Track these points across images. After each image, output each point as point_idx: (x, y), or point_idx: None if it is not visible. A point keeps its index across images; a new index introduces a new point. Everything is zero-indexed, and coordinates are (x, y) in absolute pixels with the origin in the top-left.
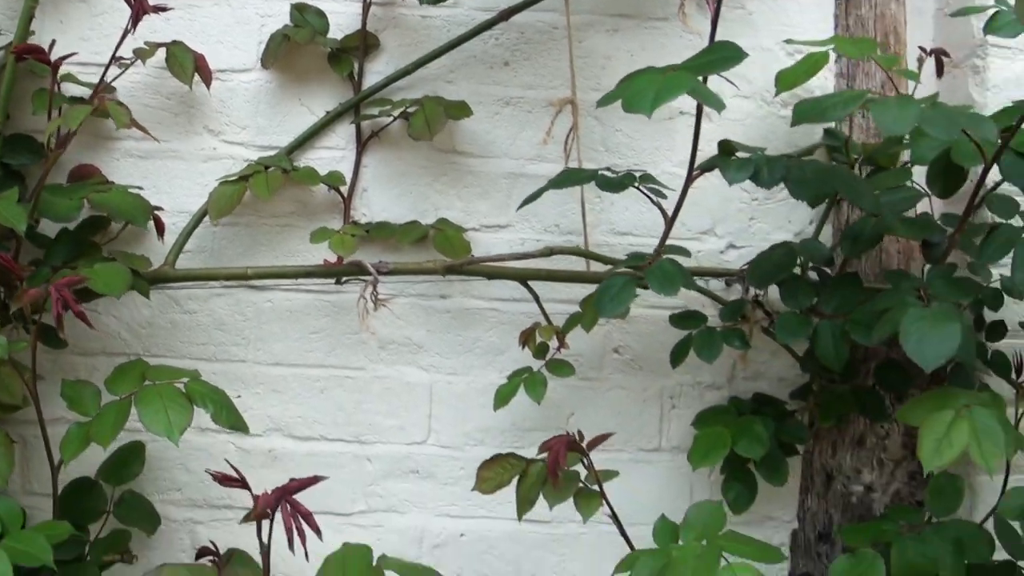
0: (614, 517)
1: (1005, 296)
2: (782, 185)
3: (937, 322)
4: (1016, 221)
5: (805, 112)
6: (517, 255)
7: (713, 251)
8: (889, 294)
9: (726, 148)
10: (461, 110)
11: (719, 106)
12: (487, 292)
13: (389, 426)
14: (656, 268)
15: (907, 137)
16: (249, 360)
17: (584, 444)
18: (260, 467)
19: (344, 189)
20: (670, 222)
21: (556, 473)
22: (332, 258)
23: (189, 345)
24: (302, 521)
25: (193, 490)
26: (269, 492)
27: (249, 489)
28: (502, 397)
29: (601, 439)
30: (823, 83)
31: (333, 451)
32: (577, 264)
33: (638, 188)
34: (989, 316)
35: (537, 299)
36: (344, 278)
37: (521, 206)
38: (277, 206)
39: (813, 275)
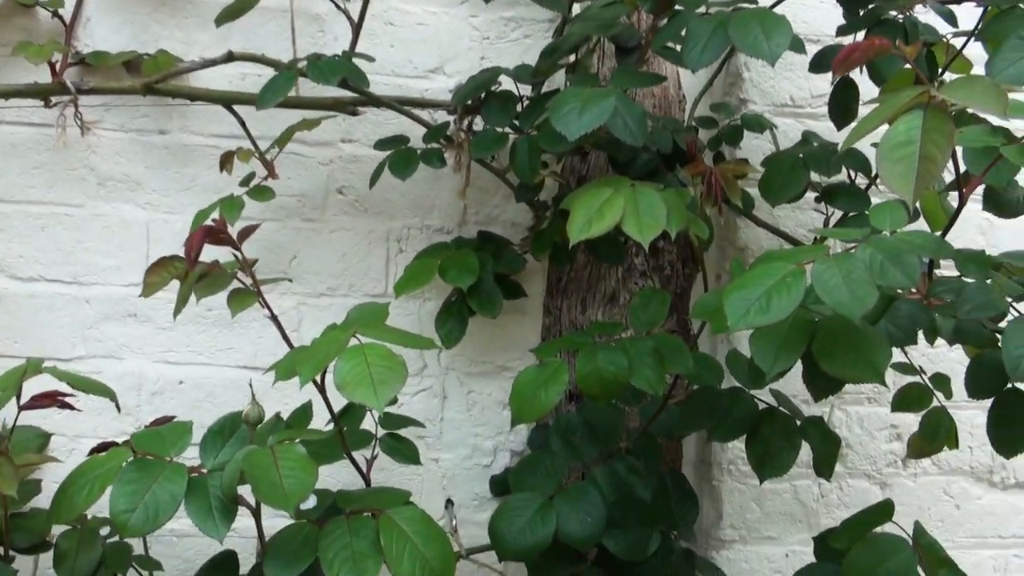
0: (274, 319)
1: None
2: (514, 24)
3: (593, 98)
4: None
5: None
6: (204, 62)
7: (441, 89)
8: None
9: None
10: None
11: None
12: (206, 128)
13: (107, 266)
14: (317, 63)
15: None
16: None
17: (234, 235)
18: None
19: (67, 16)
20: (356, 30)
21: (193, 261)
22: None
23: None
24: None
25: None
26: None
27: None
28: (199, 219)
29: (251, 230)
30: None
31: (52, 292)
32: None
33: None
34: None
35: (242, 123)
36: (53, 100)
37: (220, 21)
38: (3, 34)
39: None
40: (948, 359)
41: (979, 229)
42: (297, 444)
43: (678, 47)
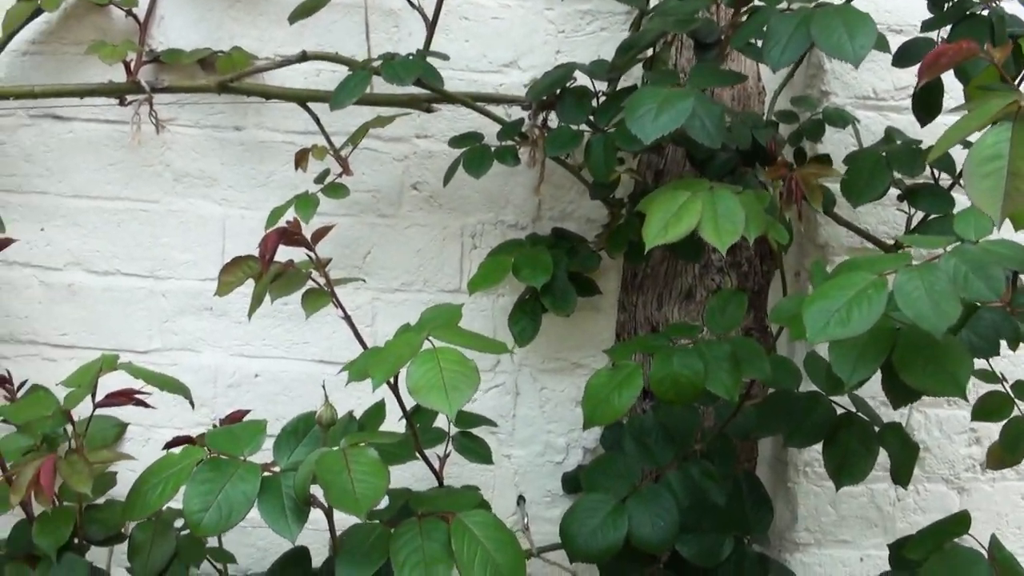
0: (347, 319)
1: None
2: (590, 17)
3: (671, 99)
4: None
5: None
6: (279, 62)
7: (516, 84)
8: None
9: None
10: None
11: None
12: (282, 124)
13: (183, 261)
14: (391, 63)
15: None
16: (51, 192)
17: (309, 236)
18: (62, 301)
19: (140, 14)
20: (431, 27)
21: (267, 263)
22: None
23: None
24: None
25: None
26: None
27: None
28: (274, 217)
29: (324, 231)
30: None
31: (129, 286)
32: None
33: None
34: None
35: (317, 120)
36: (128, 99)
37: (293, 19)
38: (79, 33)
39: None
40: None
41: None
42: (369, 448)
43: (759, 42)
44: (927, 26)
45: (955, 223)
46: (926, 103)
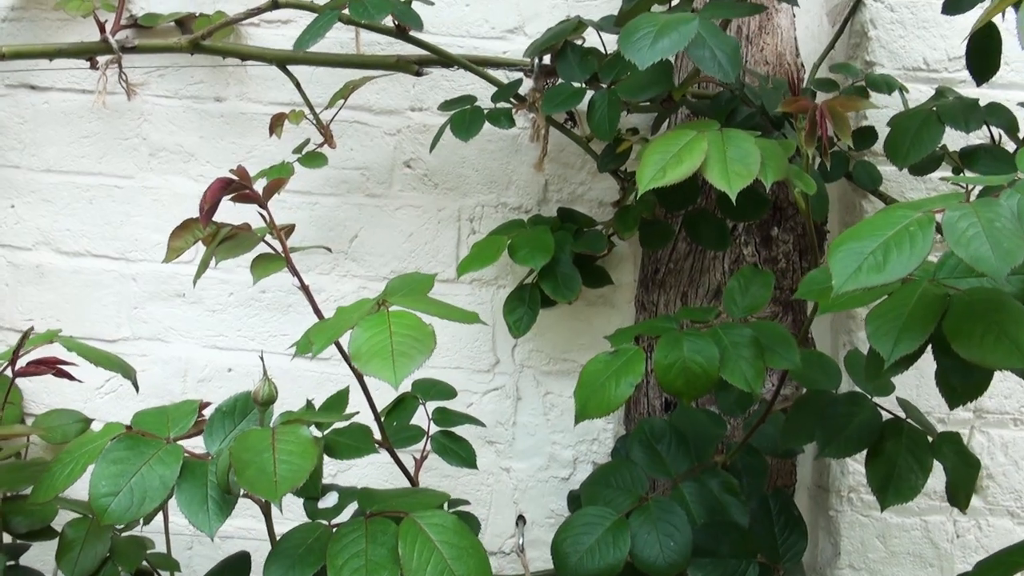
0: (304, 289)
1: None
2: None
3: (672, 24)
4: None
5: None
6: (249, 11)
7: (520, 51)
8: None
9: None
10: None
11: None
12: (265, 95)
13: (157, 242)
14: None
15: None
16: (23, 166)
17: (260, 190)
18: (28, 283)
19: None
20: None
21: (206, 216)
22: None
23: None
24: None
25: None
26: None
27: None
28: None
29: (279, 184)
30: None
31: (99, 268)
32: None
33: None
34: None
35: (298, 84)
36: (99, 60)
37: None
38: None
39: None
40: None
41: None
42: (302, 427)
43: None
44: None
45: (1018, 160)
46: (982, 56)
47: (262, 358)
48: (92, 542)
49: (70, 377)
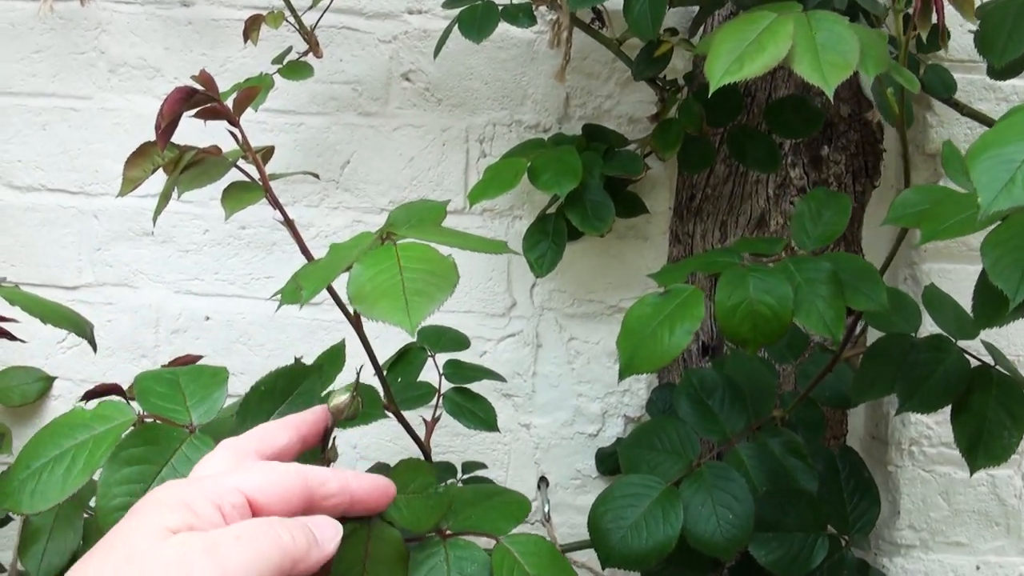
0: (289, 224)
1: None
2: None
3: None
4: None
5: None
6: None
7: None
8: None
9: None
10: None
11: None
12: None
13: (119, 173)
14: None
15: None
16: None
17: (228, 102)
18: None
19: None
20: None
21: (164, 134)
22: None
23: None
24: None
25: None
26: None
27: None
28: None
29: (252, 93)
30: None
31: (55, 204)
32: None
33: None
34: None
35: None
36: None
37: None
38: None
39: None
40: None
41: None
42: None
43: None
44: None
45: None
46: None
47: (358, 372)
48: (62, 530)
49: (11, 337)
